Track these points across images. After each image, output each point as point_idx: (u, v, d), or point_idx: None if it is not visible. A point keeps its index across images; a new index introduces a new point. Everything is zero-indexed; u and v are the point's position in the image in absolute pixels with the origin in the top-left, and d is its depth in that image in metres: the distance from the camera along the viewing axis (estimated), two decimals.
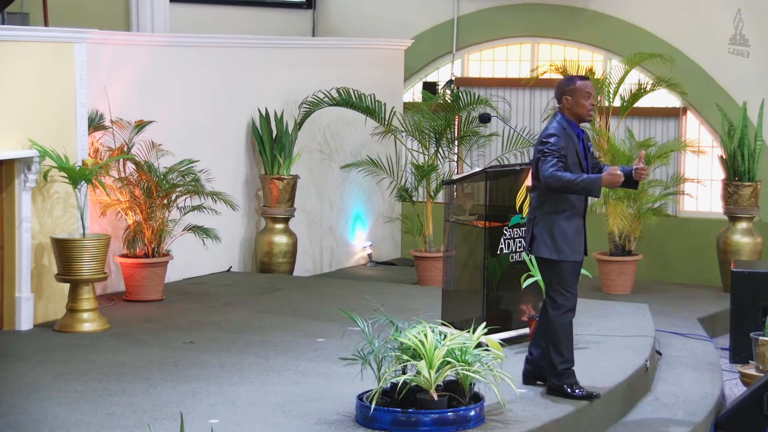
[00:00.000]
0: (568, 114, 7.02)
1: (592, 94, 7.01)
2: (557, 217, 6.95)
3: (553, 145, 6.85)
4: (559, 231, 6.95)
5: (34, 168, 8.89)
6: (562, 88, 7.06)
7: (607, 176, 6.81)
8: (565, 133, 6.94)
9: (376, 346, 6.42)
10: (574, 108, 7.00)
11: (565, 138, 6.91)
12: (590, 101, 6.99)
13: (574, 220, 6.99)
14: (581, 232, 7.04)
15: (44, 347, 8.38)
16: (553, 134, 6.91)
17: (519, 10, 13.70)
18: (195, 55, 11.44)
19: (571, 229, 6.97)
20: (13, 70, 8.83)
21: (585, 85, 7.01)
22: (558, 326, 6.97)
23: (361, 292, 10.13)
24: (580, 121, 7.05)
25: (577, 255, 7.02)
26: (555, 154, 6.83)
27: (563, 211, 6.95)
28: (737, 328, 9.60)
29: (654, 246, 12.68)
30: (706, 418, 7.56)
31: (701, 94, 12.85)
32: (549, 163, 6.82)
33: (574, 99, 6.99)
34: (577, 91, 6.99)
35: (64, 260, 8.86)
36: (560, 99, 7.06)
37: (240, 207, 11.49)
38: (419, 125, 11.93)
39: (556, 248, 6.95)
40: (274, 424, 6.45)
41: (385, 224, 13.71)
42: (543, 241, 6.98)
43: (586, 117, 7.03)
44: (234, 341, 8.52)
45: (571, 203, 6.95)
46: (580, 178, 6.79)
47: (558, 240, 6.94)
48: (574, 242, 6.99)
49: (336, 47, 13.29)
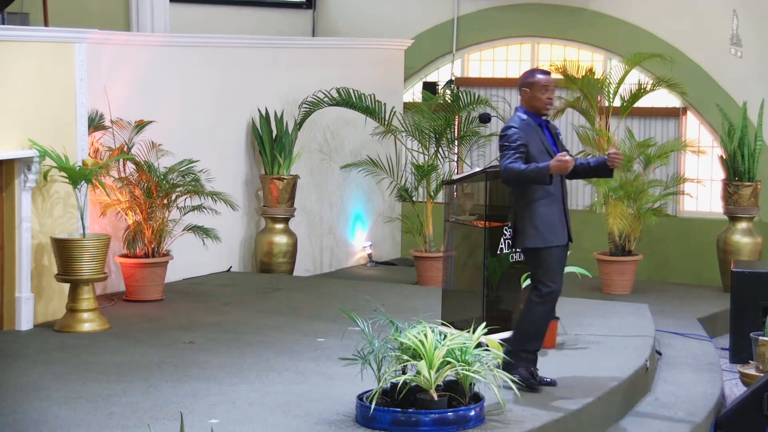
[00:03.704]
0: (526, 106, 7.17)
1: (550, 88, 7.15)
2: (536, 205, 7.05)
3: (510, 137, 7.00)
4: (540, 219, 7.06)
5: (34, 168, 8.89)
6: (522, 81, 7.23)
7: (554, 162, 6.88)
8: (525, 124, 7.08)
9: (376, 346, 6.42)
10: (530, 101, 7.15)
11: (524, 129, 7.04)
12: (547, 95, 7.13)
13: (553, 205, 7.09)
14: (563, 217, 7.15)
15: (44, 347, 8.38)
16: (510, 126, 7.07)
17: (519, 10, 13.70)
18: (195, 55, 11.44)
19: (552, 214, 7.08)
20: (13, 70, 8.83)
21: (543, 79, 7.15)
22: (538, 314, 7.06)
23: (361, 292, 10.13)
24: (538, 114, 7.17)
25: (561, 239, 7.11)
26: (512, 147, 6.96)
27: (540, 198, 7.06)
28: (737, 328, 9.60)
29: (654, 246, 12.68)
30: (706, 418, 7.56)
31: (701, 94, 12.85)
32: (505, 158, 6.98)
33: (531, 92, 7.15)
34: (535, 84, 7.14)
35: (64, 260, 8.86)
36: (520, 91, 7.23)
37: (240, 207, 11.49)
38: (419, 125, 11.94)
39: (540, 236, 7.06)
40: (274, 424, 6.45)
41: (385, 224, 13.71)
42: (526, 232, 7.08)
43: (543, 110, 7.16)
44: (234, 341, 8.52)
45: (546, 190, 7.05)
46: (529, 168, 6.91)
47: (541, 228, 7.05)
48: (557, 227, 7.09)
49: (336, 47, 13.29)
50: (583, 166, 7.26)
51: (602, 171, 7.21)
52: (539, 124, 7.14)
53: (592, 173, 7.38)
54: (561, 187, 7.15)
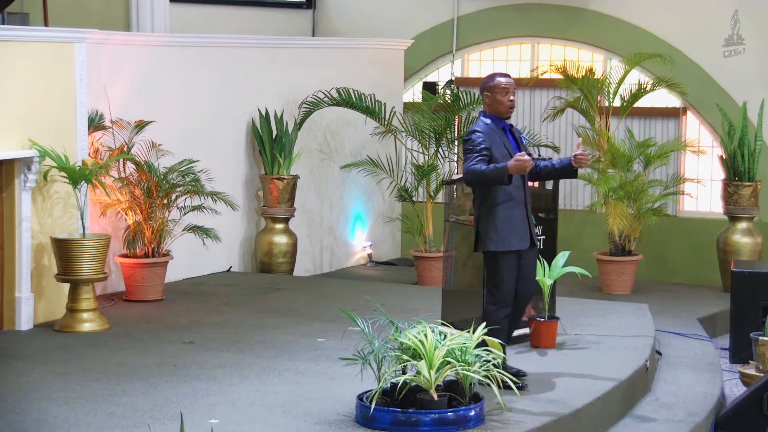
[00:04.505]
0: (489, 110, 7.22)
1: (510, 90, 7.20)
2: (497, 209, 7.10)
3: (473, 141, 7.05)
4: (502, 222, 7.10)
5: (34, 168, 8.89)
6: (483, 85, 7.29)
7: (512, 162, 6.93)
8: (488, 128, 7.13)
9: (376, 346, 6.42)
10: (493, 104, 7.20)
11: (488, 133, 7.09)
12: (508, 97, 7.19)
13: (515, 210, 7.13)
14: (525, 222, 7.19)
15: (44, 347, 8.38)
16: (474, 131, 7.12)
17: (519, 10, 13.70)
18: (195, 55, 11.44)
19: (513, 218, 7.12)
20: (13, 70, 8.83)
21: (503, 81, 7.20)
22: (493, 321, 7.04)
23: (361, 292, 10.13)
24: (501, 117, 7.22)
25: (523, 243, 7.15)
26: (475, 150, 7.02)
27: (502, 202, 7.10)
28: (737, 328, 9.60)
29: (654, 246, 12.68)
30: (706, 418, 7.56)
31: (701, 94, 12.85)
32: (469, 160, 7.03)
33: (492, 95, 7.20)
34: (495, 87, 7.20)
35: (64, 260, 8.86)
36: (482, 96, 7.28)
37: (240, 207, 11.49)
38: (419, 125, 11.93)
39: (501, 240, 7.10)
40: (274, 424, 6.45)
41: (385, 224, 13.71)
42: (488, 235, 7.12)
43: (506, 112, 7.21)
44: (234, 341, 8.52)
45: (507, 194, 7.10)
46: (488, 168, 6.97)
47: (502, 231, 7.09)
48: (518, 231, 7.13)
49: (336, 47, 13.29)
50: (547, 168, 7.31)
51: (567, 172, 7.26)
52: (502, 128, 7.21)
53: (557, 175, 7.42)
54: (524, 191, 7.21)
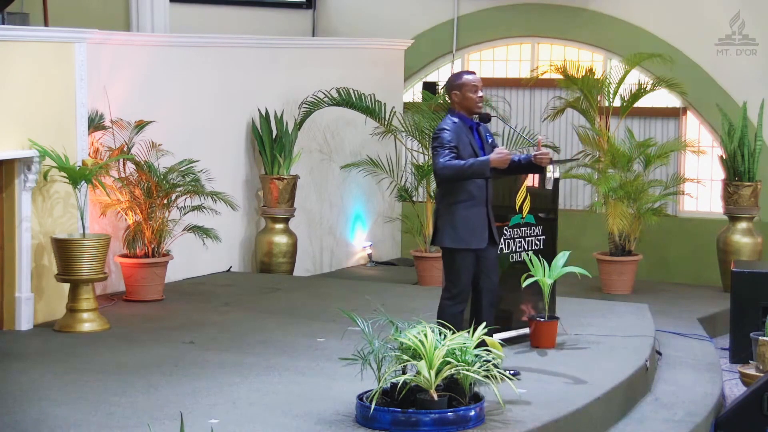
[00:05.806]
0: (458, 108, 7.28)
1: (479, 87, 7.27)
2: (457, 207, 7.17)
3: (443, 139, 7.11)
4: (461, 220, 7.18)
5: (34, 168, 8.89)
6: (450, 84, 7.35)
7: (494, 157, 7.03)
8: (456, 126, 7.19)
9: (376, 346, 6.42)
10: (462, 102, 7.27)
11: (455, 131, 7.16)
12: (477, 94, 7.26)
13: (475, 208, 7.20)
14: (485, 221, 7.25)
15: (44, 347, 8.38)
16: (442, 128, 7.17)
17: (519, 10, 13.70)
18: (195, 55, 11.44)
19: (473, 217, 7.19)
20: (13, 70, 8.83)
21: (471, 79, 7.28)
22: (448, 316, 7.13)
23: (361, 292, 10.13)
24: (471, 114, 7.29)
25: (480, 242, 7.21)
26: (445, 147, 7.08)
27: (463, 200, 7.17)
28: (737, 328, 9.60)
29: (654, 246, 12.67)
30: (706, 418, 7.56)
31: (701, 94, 12.85)
32: (440, 156, 7.06)
33: (461, 93, 7.26)
34: (464, 85, 7.27)
35: (64, 260, 8.86)
36: (450, 95, 7.33)
37: (240, 207, 11.49)
38: (419, 125, 11.93)
39: (458, 237, 7.17)
40: (274, 424, 6.45)
41: (385, 224, 13.71)
42: (446, 231, 7.20)
43: (475, 109, 7.28)
44: (234, 341, 8.52)
45: (469, 192, 7.17)
46: (469, 163, 7.03)
47: (460, 229, 7.17)
48: (477, 230, 7.20)
49: (336, 47, 13.29)
50: (515, 164, 7.34)
51: (533, 168, 7.36)
52: (470, 127, 7.27)
53: (524, 170, 7.52)
54: (485, 190, 7.26)
